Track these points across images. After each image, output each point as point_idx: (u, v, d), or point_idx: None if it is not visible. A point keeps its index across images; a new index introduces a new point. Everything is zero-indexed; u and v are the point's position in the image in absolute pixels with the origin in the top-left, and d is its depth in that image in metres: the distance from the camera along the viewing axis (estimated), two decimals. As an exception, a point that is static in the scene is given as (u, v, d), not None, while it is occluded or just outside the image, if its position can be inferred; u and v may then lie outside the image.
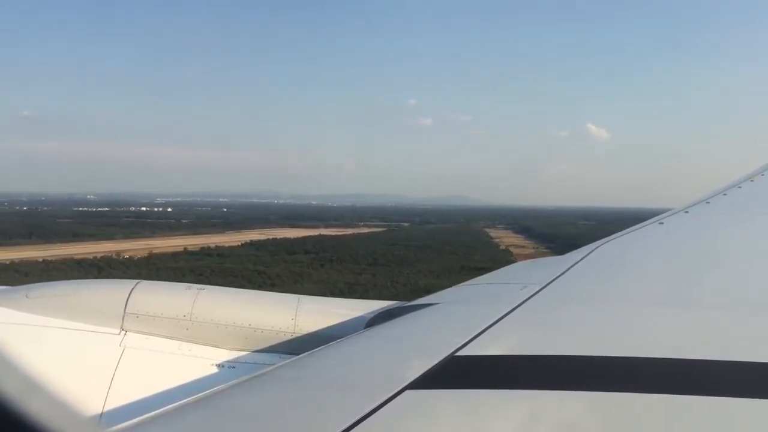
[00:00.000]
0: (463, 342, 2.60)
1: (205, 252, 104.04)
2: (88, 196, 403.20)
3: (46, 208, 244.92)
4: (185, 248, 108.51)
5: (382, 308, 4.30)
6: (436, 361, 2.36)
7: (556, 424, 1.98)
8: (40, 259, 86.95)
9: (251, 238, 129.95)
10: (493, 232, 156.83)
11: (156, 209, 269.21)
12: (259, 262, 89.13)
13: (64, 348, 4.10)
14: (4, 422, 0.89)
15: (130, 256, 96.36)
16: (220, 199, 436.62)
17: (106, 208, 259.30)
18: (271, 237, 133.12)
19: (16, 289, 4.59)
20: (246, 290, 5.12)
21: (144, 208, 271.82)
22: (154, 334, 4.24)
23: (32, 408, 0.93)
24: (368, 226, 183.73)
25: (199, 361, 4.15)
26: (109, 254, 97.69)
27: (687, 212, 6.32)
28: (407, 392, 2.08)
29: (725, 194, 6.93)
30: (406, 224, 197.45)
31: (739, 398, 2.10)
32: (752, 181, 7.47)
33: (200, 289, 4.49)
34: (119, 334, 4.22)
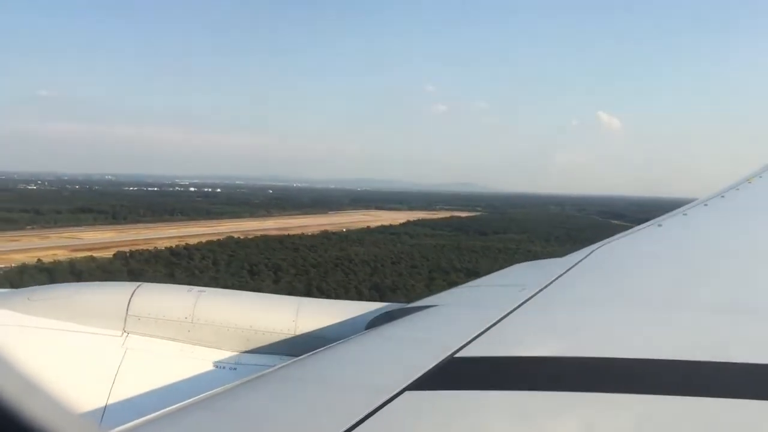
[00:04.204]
0: (463, 343, 2.65)
1: (390, 230, 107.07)
2: (107, 176, 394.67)
3: (97, 188, 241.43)
4: (368, 226, 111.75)
5: (382, 310, 4.35)
6: (435, 363, 2.40)
7: (555, 425, 2.00)
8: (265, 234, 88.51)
9: (374, 219, 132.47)
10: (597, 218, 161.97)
11: (206, 189, 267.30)
12: (480, 242, 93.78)
13: (67, 350, 4.16)
14: (6, 425, 0.88)
15: (331, 232, 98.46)
16: (237, 182, 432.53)
17: (155, 188, 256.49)
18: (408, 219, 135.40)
19: (19, 291, 4.68)
20: (246, 292, 5.22)
21: (193, 189, 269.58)
22: (156, 336, 4.30)
23: (34, 411, 0.91)
24: (446, 210, 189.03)
25: (201, 363, 4.21)
26: (299, 231, 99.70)
27: (685, 214, 6.39)
28: (407, 393, 2.11)
29: (723, 196, 7.03)
30: (479, 210, 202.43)
31: (735, 399, 2.13)
32: (749, 183, 7.57)
33: (201, 291, 4.56)
34: (121, 336, 4.27)
